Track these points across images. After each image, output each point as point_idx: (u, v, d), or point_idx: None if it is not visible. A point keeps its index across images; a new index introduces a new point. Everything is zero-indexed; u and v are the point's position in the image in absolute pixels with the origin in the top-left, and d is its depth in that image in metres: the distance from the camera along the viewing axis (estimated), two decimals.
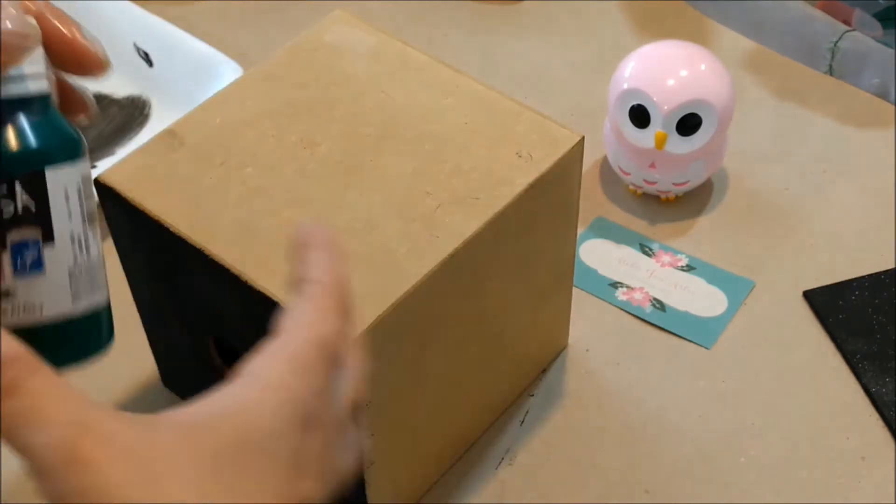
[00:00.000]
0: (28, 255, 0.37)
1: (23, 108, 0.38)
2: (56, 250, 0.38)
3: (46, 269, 0.37)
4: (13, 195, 0.37)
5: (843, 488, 0.62)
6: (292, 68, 0.60)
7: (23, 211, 0.37)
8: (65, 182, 0.38)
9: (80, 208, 0.39)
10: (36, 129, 0.38)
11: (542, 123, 0.57)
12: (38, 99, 0.38)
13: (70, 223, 0.38)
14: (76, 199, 0.39)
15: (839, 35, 0.85)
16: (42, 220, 0.37)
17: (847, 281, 0.71)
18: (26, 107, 0.38)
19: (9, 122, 0.37)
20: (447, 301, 0.53)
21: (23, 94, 0.38)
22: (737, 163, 0.78)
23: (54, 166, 0.38)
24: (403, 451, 0.58)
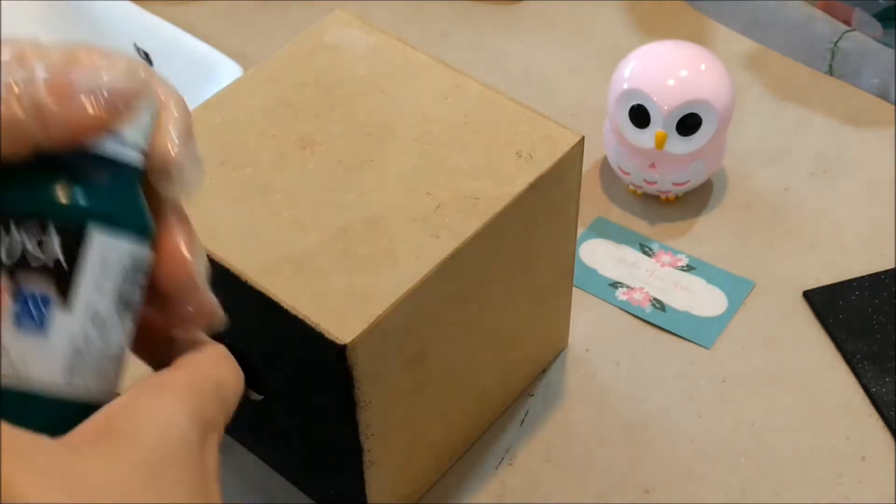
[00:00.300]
0: (35, 310, 0.32)
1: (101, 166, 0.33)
2: (68, 319, 0.33)
3: (49, 334, 0.32)
4: (50, 240, 0.32)
5: (843, 488, 0.62)
6: (292, 68, 0.59)
7: (52, 262, 0.32)
8: (109, 254, 0.33)
9: (117, 289, 0.34)
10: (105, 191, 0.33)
11: (542, 123, 0.57)
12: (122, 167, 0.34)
13: (97, 298, 0.33)
14: (115, 277, 0.33)
15: (839, 35, 0.85)
16: (66, 280, 0.33)
17: (847, 281, 0.71)
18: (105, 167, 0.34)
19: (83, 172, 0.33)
20: (447, 301, 0.53)
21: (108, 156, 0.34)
22: (737, 163, 0.78)
23: (105, 231, 0.33)
24: (403, 451, 0.58)
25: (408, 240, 0.52)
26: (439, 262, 0.51)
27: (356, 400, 0.51)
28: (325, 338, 0.48)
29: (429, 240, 0.52)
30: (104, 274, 0.33)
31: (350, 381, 0.49)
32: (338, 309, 0.49)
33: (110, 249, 0.33)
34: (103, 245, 0.33)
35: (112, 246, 0.33)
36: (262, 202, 0.53)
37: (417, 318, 0.52)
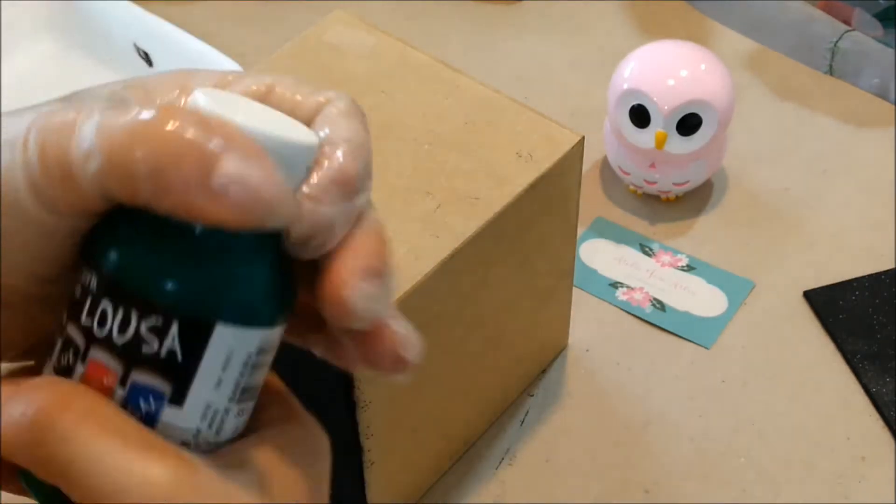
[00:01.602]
0: (144, 405, 0.29)
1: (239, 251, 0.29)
2: (179, 415, 0.29)
3: (158, 430, 0.29)
4: (163, 334, 0.28)
5: (843, 488, 0.62)
6: (292, 68, 0.59)
7: (166, 355, 0.29)
8: (234, 347, 0.29)
9: (237, 381, 0.30)
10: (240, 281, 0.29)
11: (542, 123, 0.57)
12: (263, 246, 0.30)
13: (213, 394, 0.29)
14: (237, 370, 0.30)
15: (839, 35, 0.85)
16: (180, 377, 0.29)
17: (847, 281, 0.71)
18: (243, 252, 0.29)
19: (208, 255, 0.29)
20: (447, 301, 0.53)
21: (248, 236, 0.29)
22: (737, 163, 0.78)
23: (231, 325, 0.29)
24: (403, 451, 0.58)
25: (408, 240, 0.52)
26: (439, 262, 0.51)
27: (356, 400, 0.51)
28: None
29: (429, 240, 0.52)
30: (224, 368, 0.30)
31: (350, 381, 0.49)
32: None
33: (235, 342, 0.29)
34: (227, 339, 0.29)
35: (238, 338, 0.29)
36: None
37: (417, 318, 0.52)
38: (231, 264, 0.29)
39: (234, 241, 0.29)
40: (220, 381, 0.29)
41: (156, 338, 0.28)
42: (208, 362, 0.29)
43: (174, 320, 0.28)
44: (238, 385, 0.30)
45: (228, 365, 0.29)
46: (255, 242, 0.29)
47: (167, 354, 0.29)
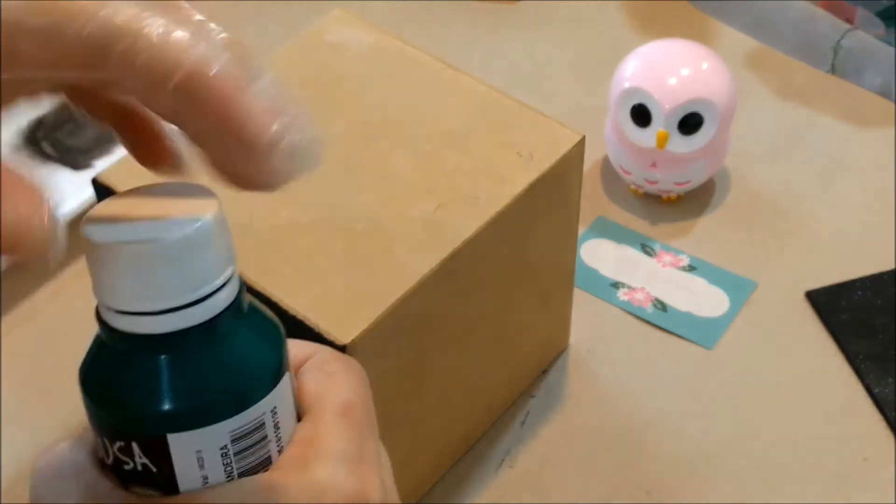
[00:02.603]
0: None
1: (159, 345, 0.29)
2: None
3: None
4: (131, 453, 0.29)
5: (845, 489, 0.62)
6: (292, 67, 0.59)
7: (143, 469, 0.29)
8: (200, 447, 0.29)
9: (227, 471, 0.30)
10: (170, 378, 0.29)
11: (542, 123, 0.57)
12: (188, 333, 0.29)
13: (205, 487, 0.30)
14: (218, 464, 0.30)
15: (842, 34, 0.85)
16: (164, 485, 0.30)
17: (850, 281, 0.71)
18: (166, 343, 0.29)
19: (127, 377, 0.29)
20: (447, 301, 0.53)
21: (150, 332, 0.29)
22: (738, 162, 0.78)
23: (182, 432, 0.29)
24: (403, 451, 0.58)
25: (408, 240, 0.51)
26: (439, 262, 0.51)
27: None
28: (325, 338, 0.48)
29: (429, 240, 0.51)
30: (202, 466, 0.30)
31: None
32: (338, 309, 0.49)
33: (199, 443, 0.29)
34: (188, 443, 0.29)
35: (199, 439, 0.29)
36: (262, 202, 0.53)
37: (417, 318, 0.52)
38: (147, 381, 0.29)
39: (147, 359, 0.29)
40: (207, 478, 0.30)
41: (128, 457, 0.30)
42: (181, 468, 0.30)
43: (132, 441, 0.29)
44: (231, 475, 0.30)
45: (205, 463, 0.30)
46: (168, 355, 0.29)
47: (143, 468, 0.30)
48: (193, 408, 0.29)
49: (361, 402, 0.34)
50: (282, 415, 0.31)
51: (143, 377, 0.29)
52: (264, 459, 0.31)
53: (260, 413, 0.30)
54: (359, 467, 0.31)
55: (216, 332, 0.29)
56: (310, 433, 0.32)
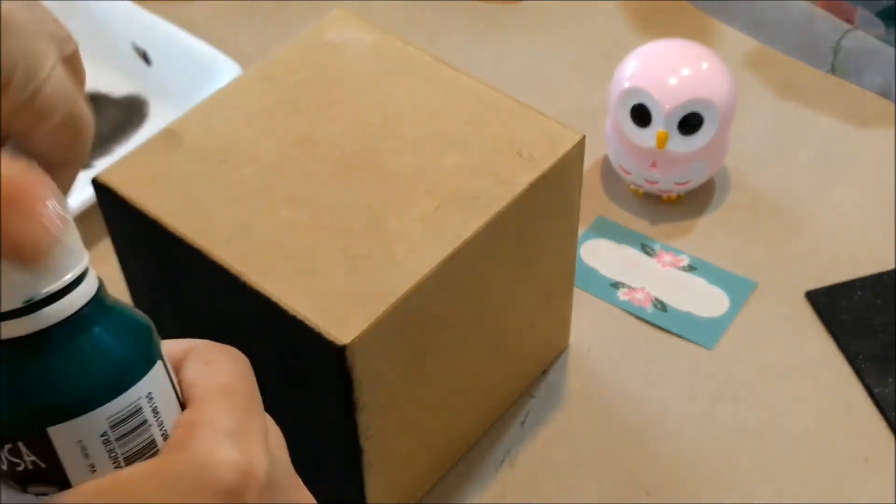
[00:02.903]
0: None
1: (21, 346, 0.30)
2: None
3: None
4: (19, 454, 0.31)
5: (845, 490, 0.62)
6: (292, 67, 0.59)
7: (34, 467, 0.31)
8: (80, 436, 0.31)
9: (112, 457, 0.31)
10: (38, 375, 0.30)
11: (542, 123, 0.57)
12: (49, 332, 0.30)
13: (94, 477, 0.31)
14: (101, 450, 0.31)
15: (842, 34, 0.85)
16: (57, 478, 0.31)
17: (850, 281, 0.71)
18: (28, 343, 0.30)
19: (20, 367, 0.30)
20: (447, 301, 0.53)
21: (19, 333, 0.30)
22: (738, 162, 0.78)
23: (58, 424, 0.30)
24: (403, 452, 0.58)
25: (408, 240, 0.51)
26: (439, 262, 0.51)
27: (355, 401, 0.50)
28: (325, 338, 0.48)
29: (429, 240, 0.51)
30: (86, 455, 0.31)
31: (349, 382, 0.49)
32: (337, 309, 0.49)
33: (78, 433, 0.31)
34: (67, 435, 0.31)
35: (76, 429, 0.31)
36: (262, 202, 0.53)
37: (417, 318, 0.52)
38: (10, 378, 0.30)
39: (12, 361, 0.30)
40: (93, 466, 0.31)
41: (18, 459, 0.31)
42: (68, 459, 0.31)
43: (17, 441, 0.30)
44: (116, 460, 0.31)
45: (89, 452, 0.31)
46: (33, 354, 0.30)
47: (34, 466, 0.31)
48: (66, 399, 0.30)
49: (241, 383, 0.34)
50: (159, 400, 0.32)
51: (13, 377, 0.30)
52: (148, 443, 0.32)
53: (134, 399, 0.32)
54: (242, 441, 0.32)
55: (79, 326, 0.31)
56: (192, 416, 0.33)
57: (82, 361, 0.31)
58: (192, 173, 0.54)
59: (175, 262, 0.54)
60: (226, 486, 0.31)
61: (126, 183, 0.54)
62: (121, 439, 0.31)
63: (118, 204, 0.54)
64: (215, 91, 0.59)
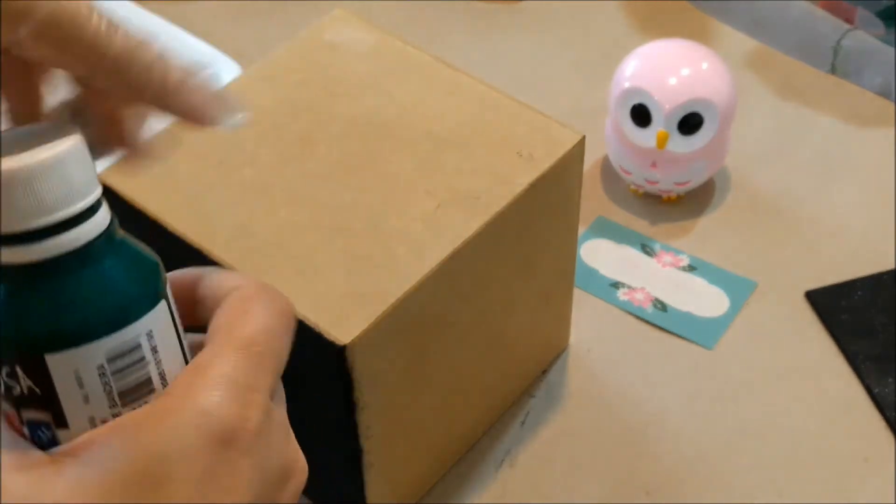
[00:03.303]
0: (43, 436, 0.32)
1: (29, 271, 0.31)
2: (71, 435, 0.32)
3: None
4: (16, 377, 0.31)
5: (845, 490, 0.61)
6: (291, 67, 0.59)
7: (29, 392, 0.31)
8: (77, 367, 0.31)
9: (106, 391, 0.32)
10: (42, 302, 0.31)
11: (542, 123, 0.57)
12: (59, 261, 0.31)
13: (89, 408, 0.32)
14: (97, 384, 0.32)
15: (842, 34, 0.85)
16: (51, 405, 0.32)
17: (850, 281, 0.71)
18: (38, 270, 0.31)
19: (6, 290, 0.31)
20: (447, 301, 0.53)
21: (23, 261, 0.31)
22: (738, 162, 0.78)
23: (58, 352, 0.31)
24: (403, 452, 0.58)
25: (408, 240, 0.51)
26: (439, 262, 0.51)
27: (355, 401, 0.50)
28: (325, 338, 0.48)
29: (429, 240, 0.51)
30: (81, 385, 0.32)
31: (349, 381, 0.49)
32: (337, 309, 0.49)
33: (75, 363, 0.31)
34: (64, 364, 0.31)
35: (74, 359, 0.31)
36: (262, 202, 0.53)
37: (417, 318, 0.52)
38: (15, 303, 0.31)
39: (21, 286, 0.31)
40: (87, 397, 0.32)
41: (15, 381, 0.31)
42: (62, 387, 0.31)
43: (15, 364, 0.31)
44: (110, 394, 0.32)
45: (84, 382, 0.31)
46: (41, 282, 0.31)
47: (29, 391, 0.31)
48: (67, 329, 0.31)
49: (266, 339, 0.34)
50: (160, 339, 0.33)
51: (18, 302, 0.31)
52: (144, 381, 0.33)
53: (135, 335, 0.32)
54: (244, 396, 0.32)
55: (87, 258, 0.31)
56: (204, 361, 0.33)
57: (87, 293, 0.31)
58: (192, 173, 0.54)
59: (175, 262, 0.54)
60: (222, 433, 0.31)
61: (126, 183, 0.54)
62: (117, 374, 0.32)
63: (118, 204, 0.54)
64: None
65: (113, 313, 0.32)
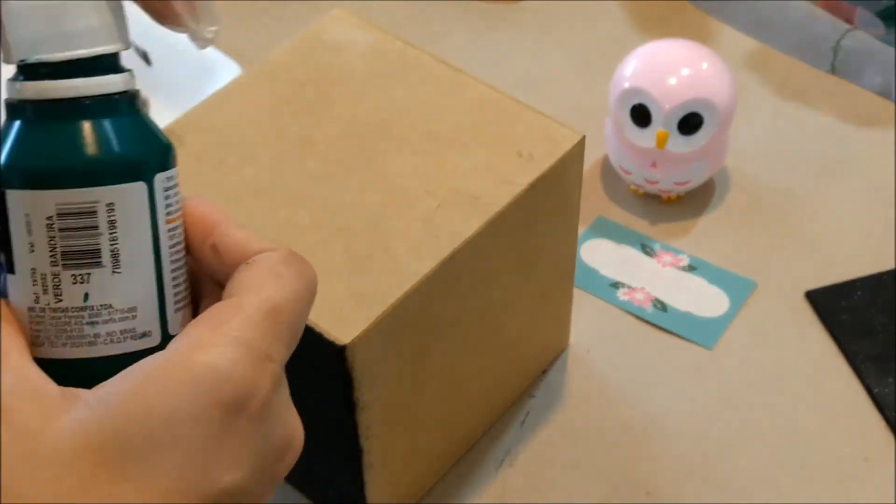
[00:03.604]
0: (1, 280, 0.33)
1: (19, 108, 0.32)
2: (16, 281, 0.32)
3: (9, 296, 0.33)
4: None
5: (845, 490, 0.62)
6: (291, 67, 0.59)
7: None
8: (28, 211, 0.32)
9: (50, 245, 0.32)
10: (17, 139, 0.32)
11: (542, 122, 0.57)
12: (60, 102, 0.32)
13: (33, 259, 0.32)
14: (43, 234, 0.32)
15: (842, 34, 0.85)
16: (4, 246, 0.32)
17: (850, 281, 0.71)
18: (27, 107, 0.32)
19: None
20: (447, 301, 0.53)
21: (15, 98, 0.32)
22: (738, 162, 0.78)
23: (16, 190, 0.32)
24: (403, 452, 0.58)
25: (408, 240, 0.51)
26: (439, 262, 0.51)
27: (356, 401, 0.50)
28: (325, 338, 0.48)
29: (429, 240, 0.51)
30: (29, 232, 0.32)
31: (349, 381, 0.49)
32: (337, 309, 0.49)
33: (28, 206, 0.32)
34: (19, 204, 0.32)
35: (28, 202, 0.32)
36: (262, 202, 0.53)
37: (417, 318, 0.52)
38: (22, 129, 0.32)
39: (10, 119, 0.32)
40: (33, 246, 0.32)
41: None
42: (15, 228, 0.32)
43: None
44: (54, 249, 0.32)
45: (32, 230, 0.32)
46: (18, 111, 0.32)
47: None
48: (27, 169, 0.32)
49: (292, 308, 0.34)
50: (122, 218, 0.32)
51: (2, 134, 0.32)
52: (91, 251, 0.32)
53: (91, 200, 0.32)
54: (261, 364, 0.32)
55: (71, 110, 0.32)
56: (224, 316, 0.33)
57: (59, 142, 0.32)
58: (192, 173, 0.54)
59: None
60: (233, 400, 0.31)
61: None
62: (64, 231, 0.32)
63: None
64: (215, 91, 0.59)
65: (74, 171, 0.32)
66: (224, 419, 0.31)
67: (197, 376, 0.31)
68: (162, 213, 0.34)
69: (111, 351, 0.33)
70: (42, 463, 0.29)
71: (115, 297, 0.33)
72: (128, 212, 0.33)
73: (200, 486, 0.30)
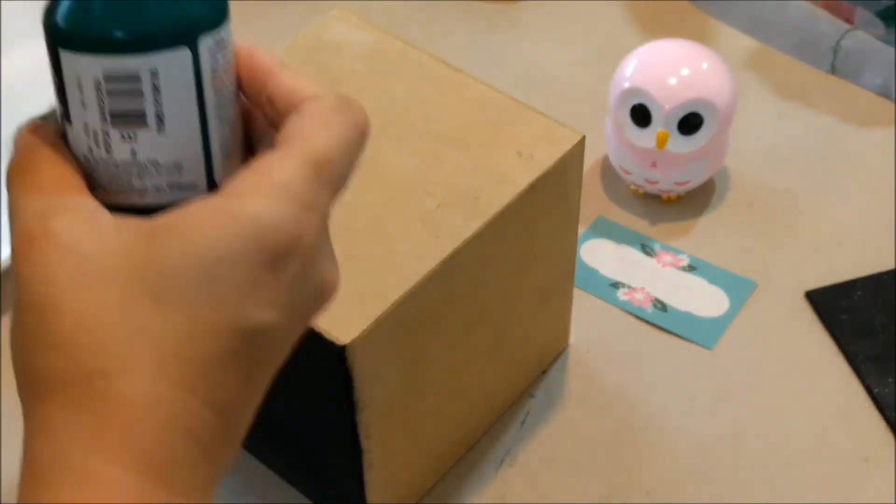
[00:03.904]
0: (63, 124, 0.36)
1: None
2: (72, 132, 0.35)
3: (70, 144, 0.35)
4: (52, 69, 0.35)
5: (845, 490, 0.62)
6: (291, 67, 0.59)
7: (57, 83, 0.35)
8: (78, 72, 0.34)
9: (99, 105, 0.34)
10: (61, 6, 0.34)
11: (542, 122, 0.57)
12: None
13: (85, 114, 0.34)
14: (93, 94, 0.34)
15: (842, 34, 0.85)
16: (62, 99, 0.35)
17: (850, 281, 0.71)
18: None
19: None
20: (447, 301, 0.53)
21: None
22: (738, 162, 0.78)
23: (68, 52, 0.34)
24: (403, 452, 0.58)
25: (408, 240, 0.51)
26: (439, 262, 0.51)
27: (356, 401, 0.50)
28: (325, 338, 0.48)
29: (429, 240, 0.51)
30: (81, 90, 0.34)
31: (350, 381, 0.49)
32: (337, 309, 0.48)
33: (78, 68, 0.34)
34: (70, 65, 0.34)
35: (78, 64, 0.34)
36: None
37: (417, 318, 0.52)
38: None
39: None
40: (84, 103, 0.34)
41: (54, 72, 0.34)
42: (69, 85, 0.34)
43: (50, 57, 0.34)
44: (103, 109, 0.34)
45: (83, 89, 0.34)
46: None
47: (57, 84, 0.35)
48: (76, 34, 0.34)
49: (339, 157, 0.34)
50: (166, 84, 0.34)
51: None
52: (136, 113, 0.34)
53: (135, 67, 0.34)
54: (304, 215, 0.33)
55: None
56: (271, 166, 0.33)
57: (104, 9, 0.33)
58: None
59: None
60: (275, 249, 0.32)
61: None
62: (112, 94, 0.34)
63: None
64: None
65: (118, 40, 0.33)
66: (263, 264, 0.32)
67: (238, 221, 0.32)
68: (208, 76, 0.35)
69: (160, 200, 0.35)
70: (89, 280, 0.31)
71: (161, 155, 0.35)
72: (171, 77, 0.34)
73: (232, 322, 0.32)
